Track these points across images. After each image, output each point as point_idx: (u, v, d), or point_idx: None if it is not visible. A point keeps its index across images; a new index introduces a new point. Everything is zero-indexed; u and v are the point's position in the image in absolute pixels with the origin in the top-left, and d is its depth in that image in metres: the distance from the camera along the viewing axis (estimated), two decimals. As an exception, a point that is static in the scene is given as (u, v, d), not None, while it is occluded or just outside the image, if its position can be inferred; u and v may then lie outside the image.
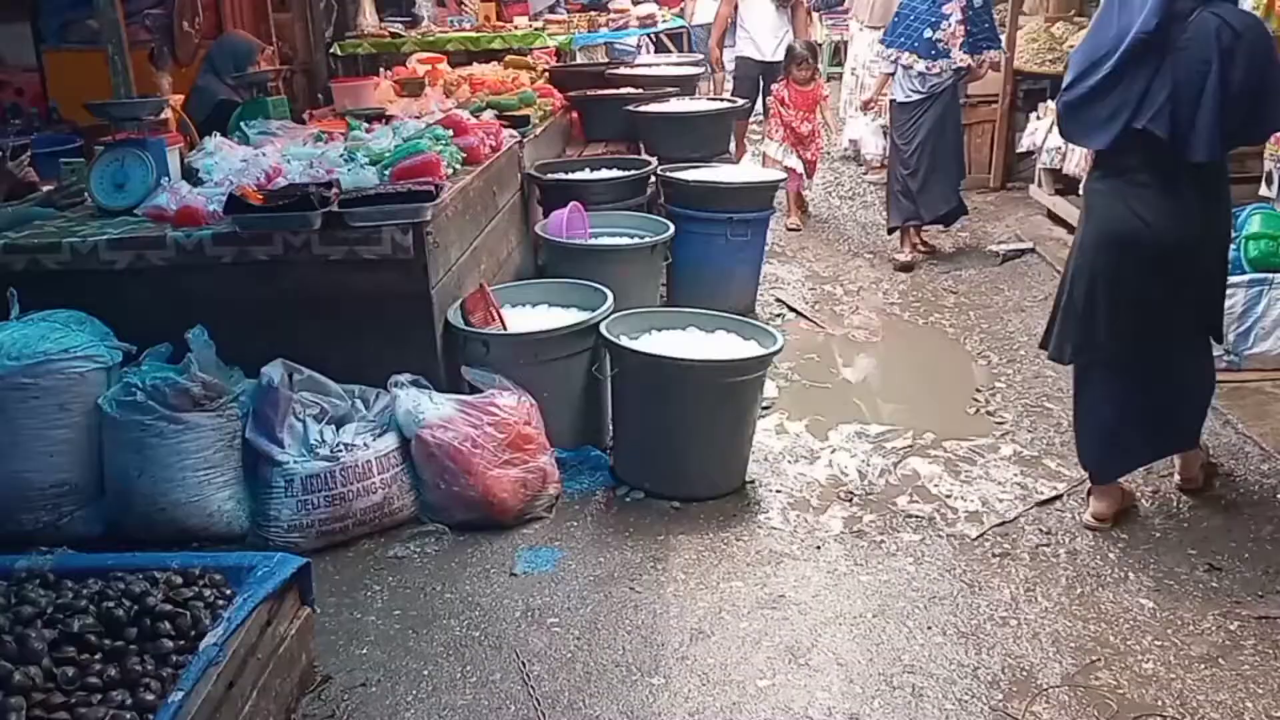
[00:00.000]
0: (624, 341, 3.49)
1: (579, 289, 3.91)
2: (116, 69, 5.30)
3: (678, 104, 6.18)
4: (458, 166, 4.12)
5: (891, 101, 6.19)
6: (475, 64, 7.65)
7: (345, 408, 3.37)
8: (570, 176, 5.10)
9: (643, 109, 6.01)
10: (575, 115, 6.62)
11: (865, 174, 8.43)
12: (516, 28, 9.81)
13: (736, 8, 7.77)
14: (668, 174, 5.14)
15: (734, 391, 3.35)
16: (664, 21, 10.34)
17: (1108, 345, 3.07)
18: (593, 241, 4.62)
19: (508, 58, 7.50)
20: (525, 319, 3.75)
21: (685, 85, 6.82)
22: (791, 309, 5.39)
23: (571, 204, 4.70)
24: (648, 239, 4.70)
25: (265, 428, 3.25)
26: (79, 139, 6.15)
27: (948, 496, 3.45)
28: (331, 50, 9.68)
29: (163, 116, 5.95)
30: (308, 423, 3.27)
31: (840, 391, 4.37)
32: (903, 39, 5.88)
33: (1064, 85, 3.09)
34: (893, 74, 6.04)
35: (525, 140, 5.09)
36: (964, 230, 6.80)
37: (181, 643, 2.19)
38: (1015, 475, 3.58)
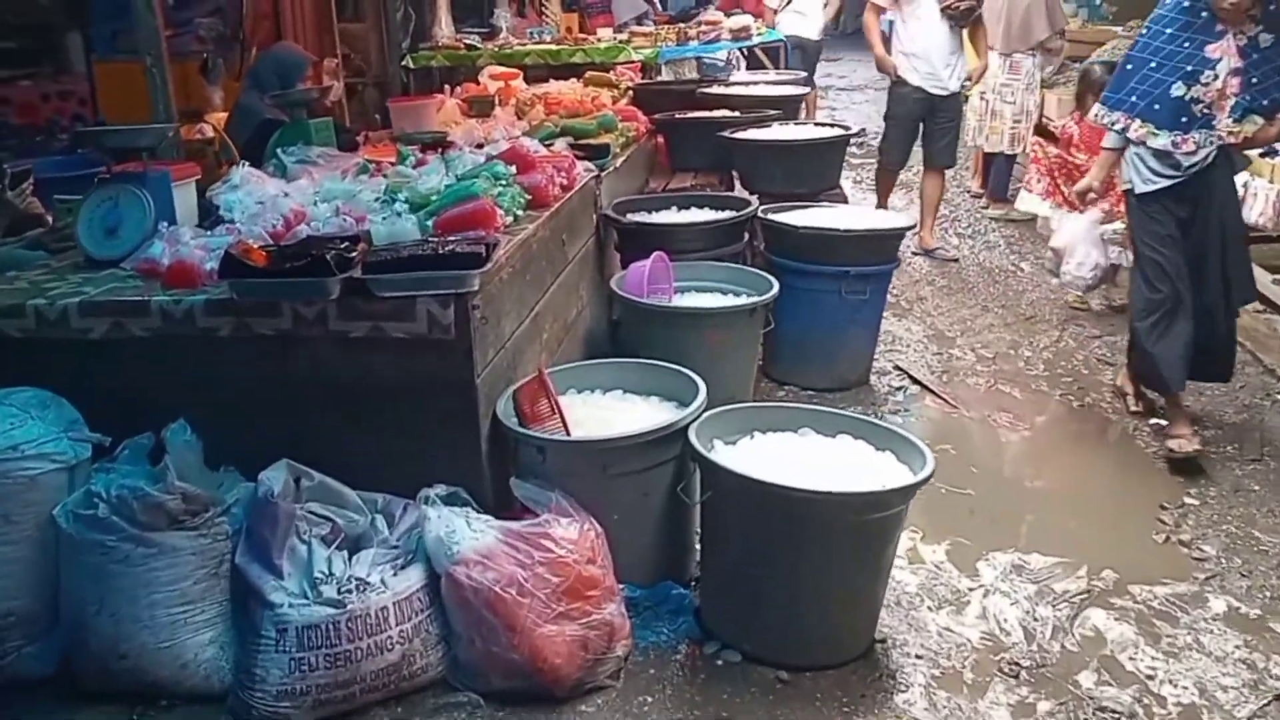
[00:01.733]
0: (720, 454, 2.70)
1: (661, 373, 3.13)
2: (155, 83, 4.75)
3: (780, 130, 5.37)
4: (519, 213, 3.39)
5: (1126, 194, 3.99)
6: (553, 80, 6.95)
7: (362, 525, 2.64)
8: (654, 220, 4.33)
9: (739, 135, 5.22)
10: (661, 140, 5.87)
11: (985, 207, 7.50)
12: (599, 40, 9.15)
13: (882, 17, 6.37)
14: (771, 217, 4.33)
15: (870, 532, 2.53)
16: (759, 35, 9.55)
17: None
18: (679, 304, 3.84)
19: (588, 74, 6.78)
20: (593, 410, 2.98)
21: (788, 108, 6.01)
22: (915, 380, 4.53)
23: (654, 254, 3.93)
24: (746, 299, 3.91)
25: (260, 551, 2.54)
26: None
27: (1149, 677, 2.58)
28: (404, 62, 9.16)
29: (202, 134, 5.42)
30: (314, 545, 2.55)
31: (987, 501, 3.51)
32: (1134, 98, 3.76)
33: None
34: (1121, 150, 3.93)
35: (603, 174, 4.34)
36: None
37: None
38: (1237, 647, 2.69)
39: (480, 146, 4.22)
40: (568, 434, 2.69)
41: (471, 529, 2.52)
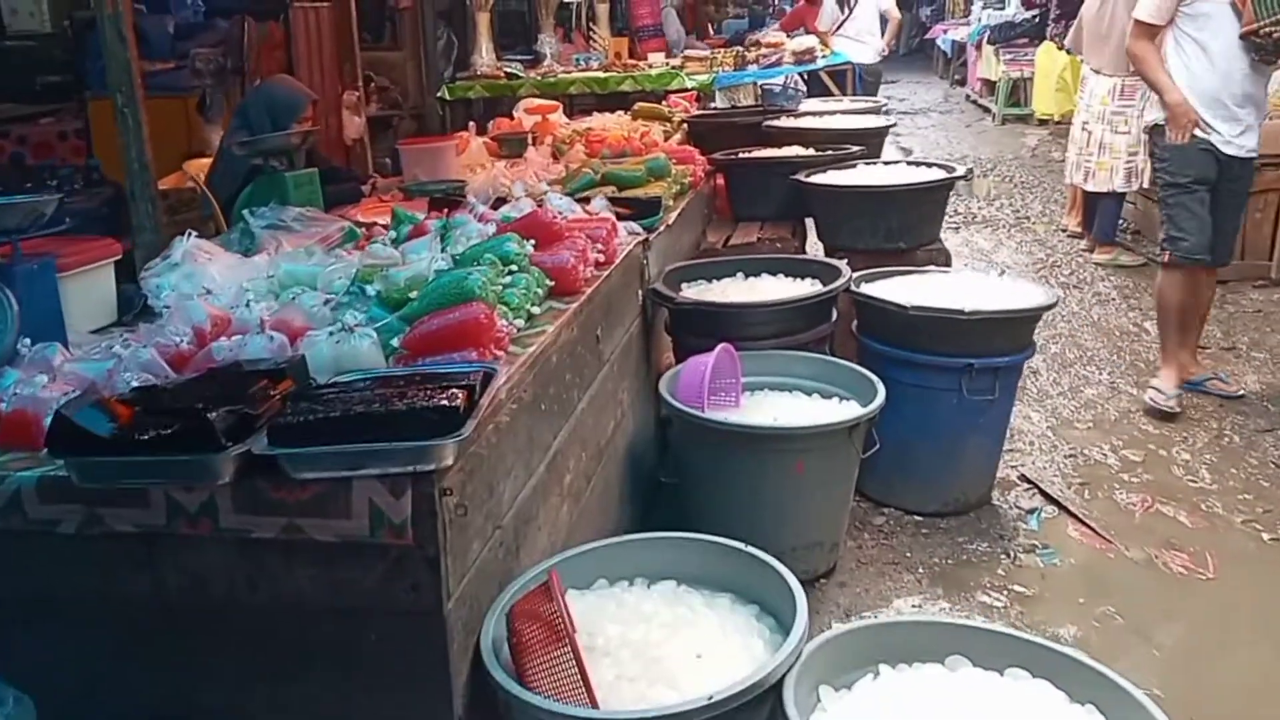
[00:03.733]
0: (834, 715, 1.64)
1: (737, 560, 2.06)
2: (126, 124, 3.81)
3: (866, 172, 4.30)
4: (534, 310, 2.36)
5: None
6: (596, 114, 5.95)
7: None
8: (717, 300, 3.26)
9: (817, 180, 4.16)
10: (720, 181, 4.82)
11: (1088, 250, 6.31)
12: (651, 66, 8.15)
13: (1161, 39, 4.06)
14: (868, 291, 3.25)
15: None
16: (824, 57, 8.47)
17: None
18: (752, 419, 2.78)
19: (637, 106, 5.77)
20: (633, 625, 1.92)
21: (871, 143, 4.93)
22: (1049, 499, 3.41)
23: (719, 348, 2.88)
24: (838, 404, 2.86)
25: None
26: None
27: None
28: (440, 94, 8.26)
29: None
30: None
31: (1178, 692, 2.39)
32: None
33: None
34: None
35: (652, 237, 3.31)
36: (1258, 348, 4.69)
37: None
38: None
39: (498, 205, 3.21)
40: (591, 701, 1.63)
41: None
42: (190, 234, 2.87)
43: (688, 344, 3.26)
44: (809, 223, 4.63)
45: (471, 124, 5.13)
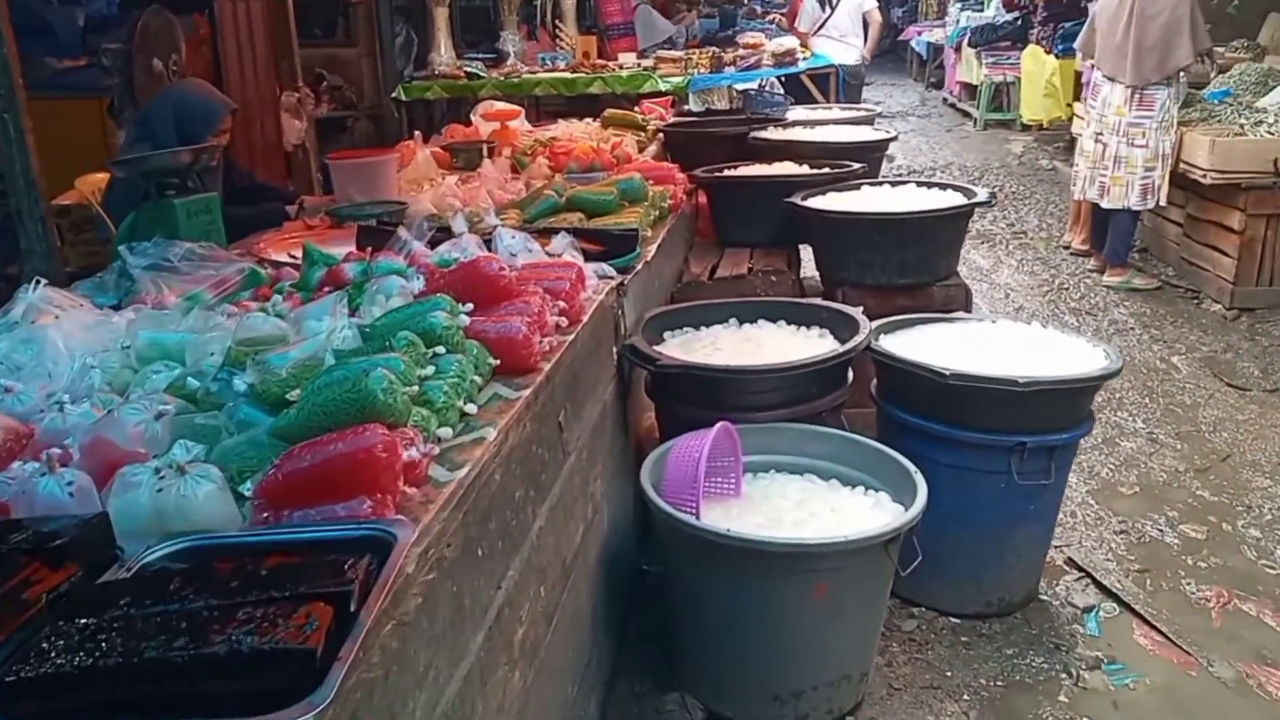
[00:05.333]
0: None
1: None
2: (7, 133, 3.19)
3: (871, 196, 3.67)
4: (466, 408, 1.68)
5: None
6: (561, 121, 5.27)
7: None
8: (709, 365, 2.57)
9: (819, 206, 3.53)
10: (703, 200, 4.18)
11: (1097, 271, 5.73)
12: (621, 67, 7.50)
13: None
14: (891, 350, 2.61)
15: None
16: (805, 59, 7.85)
17: None
18: (759, 536, 2.12)
19: (607, 113, 5.09)
20: None
21: (871, 160, 4.31)
22: (1107, 592, 2.79)
23: (717, 427, 2.24)
24: (865, 496, 2.23)
25: None
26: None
27: None
28: (395, 94, 7.56)
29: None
30: None
31: None
32: None
33: None
34: None
35: (628, 280, 2.65)
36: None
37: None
38: None
39: (439, 240, 2.54)
40: None
41: None
42: (39, 282, 2.20)
43: (674, 413, 2.62)
44: (804, 248, 4.02)
45: (417, 133, 4.42)
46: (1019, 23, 11.13)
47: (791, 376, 2.46)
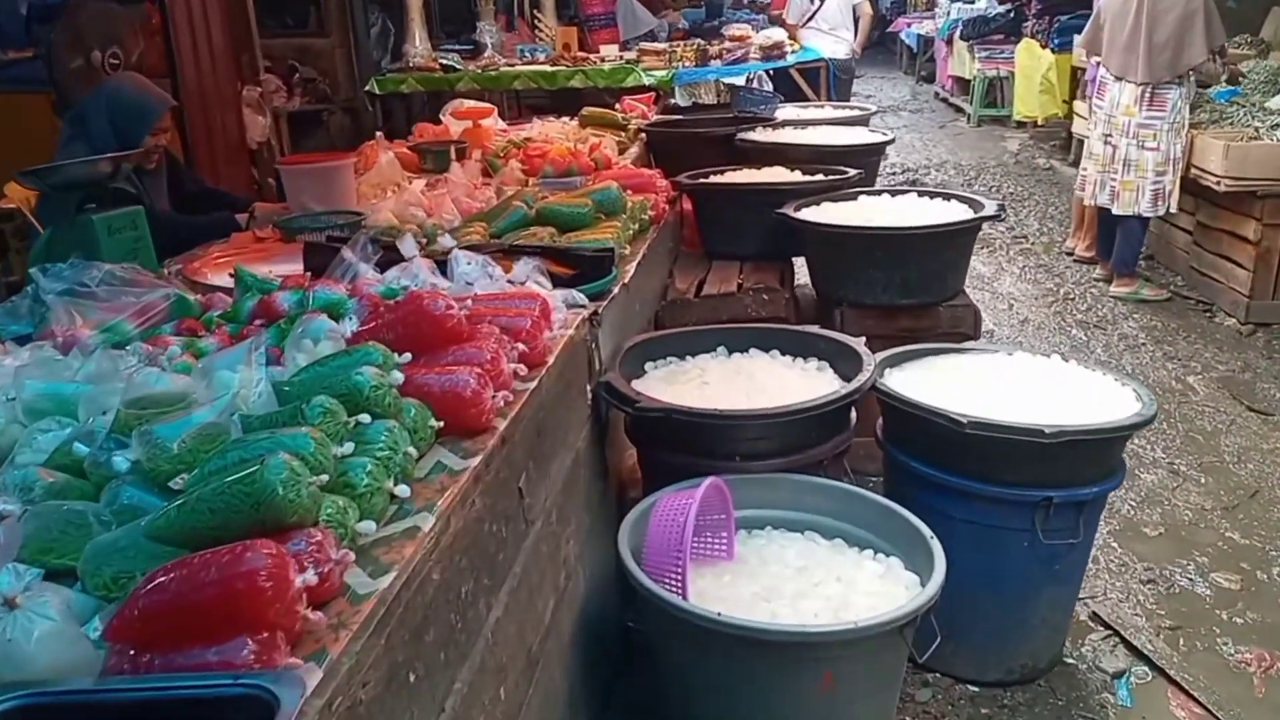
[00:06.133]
0: None
1: None
2: None
3: (871, 206, 3.37)
4: (397, 491, 1.37)
5: None
6: (537, 120, 4.96)
7: None
8: (695, 409, 2.23)
9: (815, 219, 3.23)
10: (688, 206, 3.88)
11: (1103, 281, 5.45)
12: (603, 60, 7.19)
13: None
14: (901, 393, 2.31)
15: None
16: (794, 53, 7.53)
17: None
18: (755, 623, 1.80)
19: (586, 112, 4.77)
20: None
21: (867, 164, 4.01)
22: (1138, 653, 2.51)
23: (705, 484, 1.94)
24: (877, 571, 1.94)
25: None
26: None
27: None
28: (368, 87, 7.23)
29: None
30: None
31: None
32: None
33: None
34: None
35: (602, 309, 2.34)
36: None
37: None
38: None
39: (390, 262, 2.23)
40: None
41: None
42: None
43: (658, 460, 2.33)
44: (797, 259, 3.72)
45: (379, 134, 4.09)
46: (1011, 15, 10.85)
47: (790, 423, 2.16)
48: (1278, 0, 7.87)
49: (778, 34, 7.40)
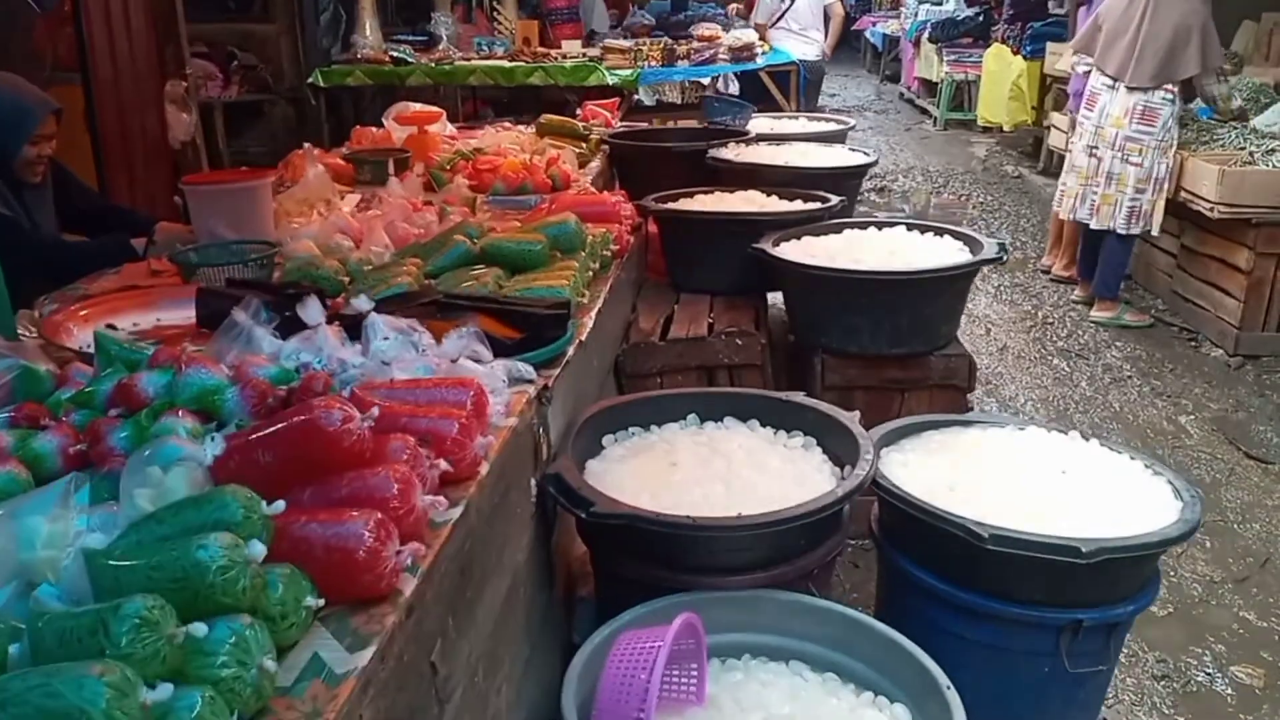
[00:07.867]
0: None
1: None
2: None
3: (857, 242, 2.99)
4: (253, 701, 0.96)
5: None
6: (489, 126, 4.52)
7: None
8: (664, 515, 1.79)
9: (795, 259, 2.84)
10: (653, 228, 3.46)
11: (1083, 303, 5.15)
12: (565, 56, 6.76)
13: None
14: (909, 493, 1.93)
15: None
16: (764, 55, 7.14)
17: None
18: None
19: (544, 119, 4.32)
20: None
21: (849, 188, 3.63)
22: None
23: (679, 621, 1.54)
24: (874, 711, 1.56)
25: None
26: None
27: None
28: (311, 80, 6.75)
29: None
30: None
31: None
32: None
33: None
34: None
35: (554, 380, 1.93)
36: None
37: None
38: None
39: (292, 327, 1.79)
40: None
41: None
42: None
43: (614, 572, 1.92)
44: (772, 295, 3.33)
45: (307, 145, 3.61)
46: (981, 19, 10.55)
47: (775, 532, 1.77)
48: (1251, 14, 7.62)
49: (748, 35, 6.99)
